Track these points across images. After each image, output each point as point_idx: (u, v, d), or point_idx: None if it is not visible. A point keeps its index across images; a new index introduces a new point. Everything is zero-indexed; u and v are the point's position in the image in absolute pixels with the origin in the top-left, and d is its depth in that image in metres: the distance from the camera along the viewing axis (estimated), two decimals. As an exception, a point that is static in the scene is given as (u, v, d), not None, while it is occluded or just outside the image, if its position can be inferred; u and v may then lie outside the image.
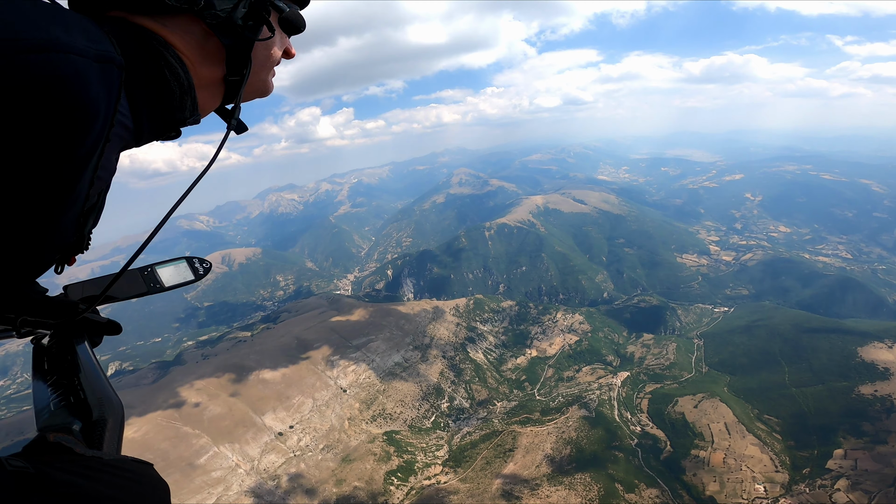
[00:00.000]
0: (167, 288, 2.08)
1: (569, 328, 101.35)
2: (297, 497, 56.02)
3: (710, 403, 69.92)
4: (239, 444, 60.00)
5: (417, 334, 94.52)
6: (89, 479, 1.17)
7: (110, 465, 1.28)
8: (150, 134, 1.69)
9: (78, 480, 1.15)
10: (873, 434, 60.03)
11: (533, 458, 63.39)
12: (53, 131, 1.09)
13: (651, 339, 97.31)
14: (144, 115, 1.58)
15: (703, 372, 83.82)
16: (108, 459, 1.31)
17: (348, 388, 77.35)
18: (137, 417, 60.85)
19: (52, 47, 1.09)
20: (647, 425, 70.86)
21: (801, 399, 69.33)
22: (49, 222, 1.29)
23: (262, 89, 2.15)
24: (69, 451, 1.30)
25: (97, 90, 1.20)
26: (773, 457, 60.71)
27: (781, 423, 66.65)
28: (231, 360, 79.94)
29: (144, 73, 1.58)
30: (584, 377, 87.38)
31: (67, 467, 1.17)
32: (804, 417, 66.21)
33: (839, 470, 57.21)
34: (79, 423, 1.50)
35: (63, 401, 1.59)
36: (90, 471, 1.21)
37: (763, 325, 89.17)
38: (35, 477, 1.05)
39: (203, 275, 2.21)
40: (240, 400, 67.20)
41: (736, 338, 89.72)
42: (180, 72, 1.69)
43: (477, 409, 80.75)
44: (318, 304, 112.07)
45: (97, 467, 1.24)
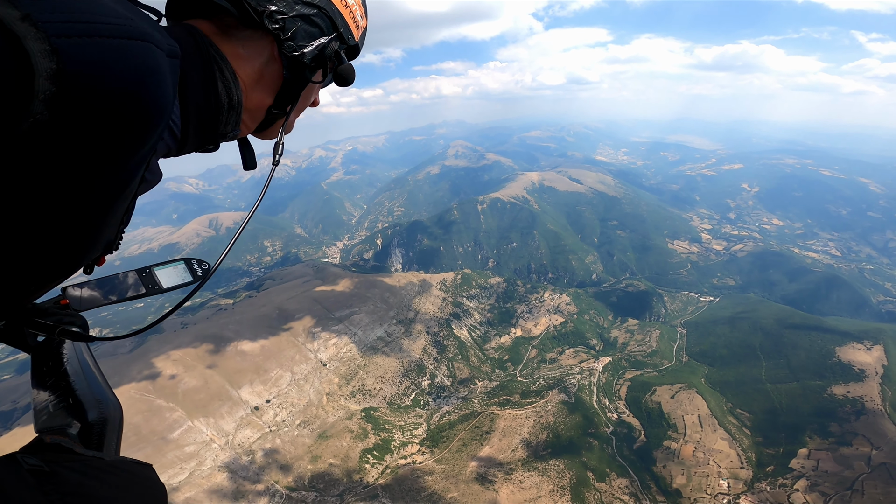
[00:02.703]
0: (166, 289, 2.07)
1: (555, 309, 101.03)
2: (272, 473, 55.84)
3: (687, 395, 70.25)
4: (214, 418, 59.32)
5: (402, 308, 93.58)
6: (95, 478, 1.17)
7: (112, 466, 1.28)
8: (192, 143, 1.69)
9: (86, 480, 1.14)
10: (839, 435, 60.54)
11: (509, 442, 63.74)
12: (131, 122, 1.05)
13: (636, 325, 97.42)
14: (192, 123, 1.58)
15: (683, 361, 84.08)
16: (109, 460, 1.31)
17: (328, 362, 76.71)
18: (110, 388, 59.38)
19: (140, 35, 1.07)
20: (624, 413, 71.36)
21: (774, 395, 69.71)
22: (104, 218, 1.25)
23: (288, 127, 2.19)
24: (70, 452, 1.30)
25: (168, 86, 1.17)
26: (741, 453, 61.35)
27: (752, 419, 67.22)
28: (210, 329, 78.56)
29: (199, 82, 1.58)
30: (566, 360, 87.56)
31: (74, 466, 1.17)
32: (776, 414, 66.76)
33: (801, 470, 57.87)
34: (77, 425, 1.50)
35: (61, 402, 1.59)
36: (94, 471, 1.21)
37: (746, 318, 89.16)
38: (50, 475, 1.06)
39: (202, 276, 2.18)
40: (216, 372, 66.21)
41: (718, 328, 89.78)
42: (233, 88, 1.71)
43: (458, 388, 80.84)
44: (304, 273, 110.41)
45: (100, 467, 1.24)
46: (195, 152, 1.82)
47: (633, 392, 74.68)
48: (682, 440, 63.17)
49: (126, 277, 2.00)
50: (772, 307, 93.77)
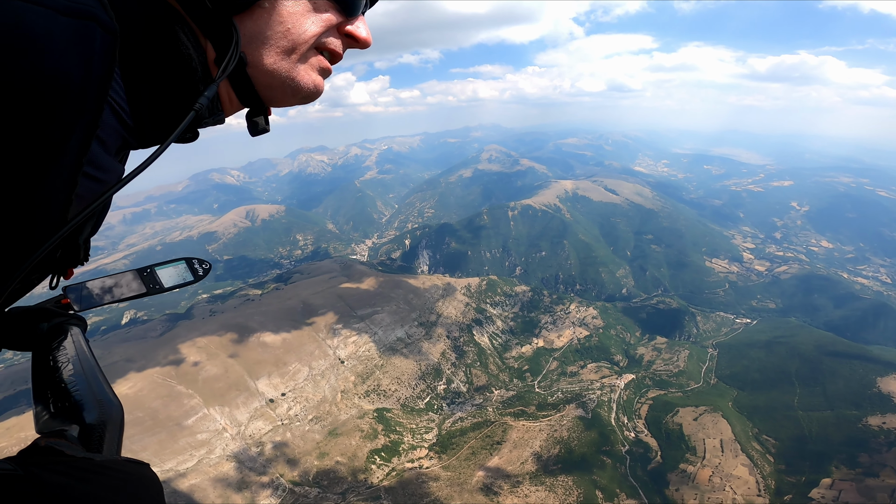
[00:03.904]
0: (167, 289, 2.09)
1: (580, 321, 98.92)
2: (279, 466, 56.95)
3: (711, 417, 67.74)
4: (229, 407, 61.03)
5: (424, 310, 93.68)
6: (80, 480, 1.11)
7: (102, 466, 1.22)
8: (154, 130, 1.37)
9: (69, 482, 1.08)
10: (868, 466, 57.42)
11: (520, 454, 62.58)
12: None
13: (664, 343, 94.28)
14: (147, 105, 1.29)
15: (710, 383, 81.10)
16: (99, 460, 1.25)
17: (346, 360, 77.60)
18: (136, 373, 62.44)
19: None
20: (643, 432, 69.21)
21: (805, 423, 66.75)
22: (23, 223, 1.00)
23: (291, 85, 1.53)
24: (60, 454, 1.25)
25: (64, 54, 0.88)
26: (760, 480, 58.71)
27: (778, 445, 64.40)
28: (236, 318, 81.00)
29: (153, 51, 1.26)
30: (587, 374, 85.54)
31: (58, 469, 1.11)
32: (804, 442, 63.89)
33: (820, 500, 54.94)
34: (76, 427, 1.48)
35: (61, 403, 1.57)
36: (81, 472, 1.15)
37: (784, 343, 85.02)
38: (23, 479, 1.00)
39: (202, 275, 2.19)
40: (237, 362, 68.13)
41: (753, 352, 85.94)
42: (193, 54, 1.35)
43: (473, 395, 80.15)
44: (331, 269, 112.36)
45: (88, 468, 1.18)
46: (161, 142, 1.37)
47: (655, 412, 72.32)
48: (699, 464, 60.80)
49: (127, 277, 2.01)
50: (813, 333, 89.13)
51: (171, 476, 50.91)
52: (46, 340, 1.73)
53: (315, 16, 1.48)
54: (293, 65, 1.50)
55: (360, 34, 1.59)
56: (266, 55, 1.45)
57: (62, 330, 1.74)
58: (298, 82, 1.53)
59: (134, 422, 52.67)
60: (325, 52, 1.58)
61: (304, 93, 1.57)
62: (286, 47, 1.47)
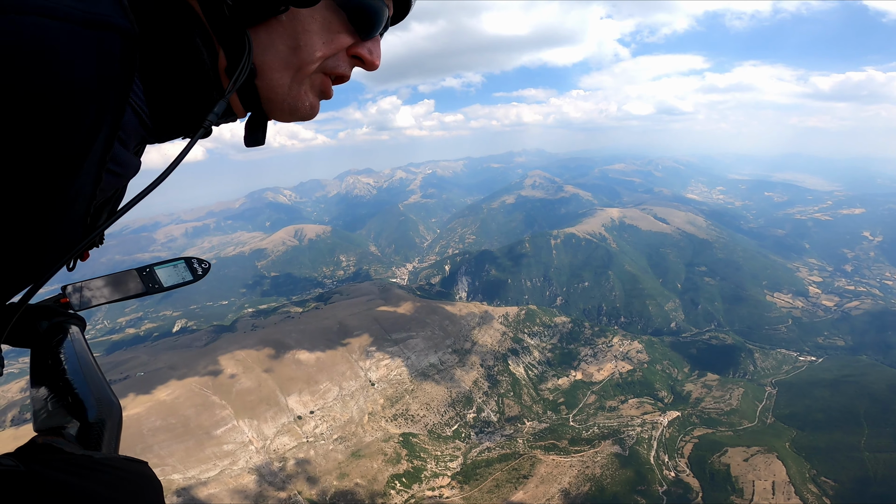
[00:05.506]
0: (166, 288, 2.08)
1: (623, 355, 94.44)
2: (298, 483, 57.22)
3: (764, 458, 62.16)
4: (258, 420, 62.52)
5: (459, 337, 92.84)
6: (80, 477, 1.12)
7: (101, 464, 1.22)
8: (173, 129, 1.39)
9: (69, 478, 1.09)
10: None
11: (546, 490, 59.53)
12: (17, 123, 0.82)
13: (715, 380, 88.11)
14: (166, 106, 1.31)
15: (766, 423, 74.77)
16: (98, 458, 1.25)
17: (377, 382, 77.81)
18: (177, 381, 65.70)
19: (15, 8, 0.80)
20: (684, 472, 64.33)
21: (870, 464, 60.34)
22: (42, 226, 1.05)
23: (289, 103, 1.48)
24: (59, 452, 1.26)
25: (83, 66, 0.90)
26: (812, 522, 52.90)
27: (837, 487, 58.45)
28: (274, 334, 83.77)
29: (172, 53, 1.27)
30: (628, 410, 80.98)
31: (59, 466, 1.11)
32: (866, 484, 57.87)
33: None
34: (75, 425, 1.48)
35: (60, 401, 1.57)
36: (81, 469, 1.15)
37: (853, 382, 77.45)
38: (25, 475, 1.00)
39: (202, 275, 2.18)
40: (271, 377, 70.09)
41: (817, 391, 78.77)
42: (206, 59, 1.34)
43: (504, 425, 77.68)
44: (369, 291, 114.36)
45: (88, 466, 1.18)
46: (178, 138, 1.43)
47: (700, 451, 67.42)
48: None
49: (127, 276, 2.01)
50: (885, 372, 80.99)
51: (192, 483, 52.37)
52: (46, 338, 1.72)
53: (327, 36, 1.43)
54: (296, 84, 1.46)
55: (367, 56, 1.51)
56: (271, 69, 1.41)
57: (61, 328, 1.73)
58: (296, 102, 1.48)
59: (166, 428, 55.09)
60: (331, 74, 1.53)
61: (300, 114, 1.52)
62: (293, 65, 1.43)
